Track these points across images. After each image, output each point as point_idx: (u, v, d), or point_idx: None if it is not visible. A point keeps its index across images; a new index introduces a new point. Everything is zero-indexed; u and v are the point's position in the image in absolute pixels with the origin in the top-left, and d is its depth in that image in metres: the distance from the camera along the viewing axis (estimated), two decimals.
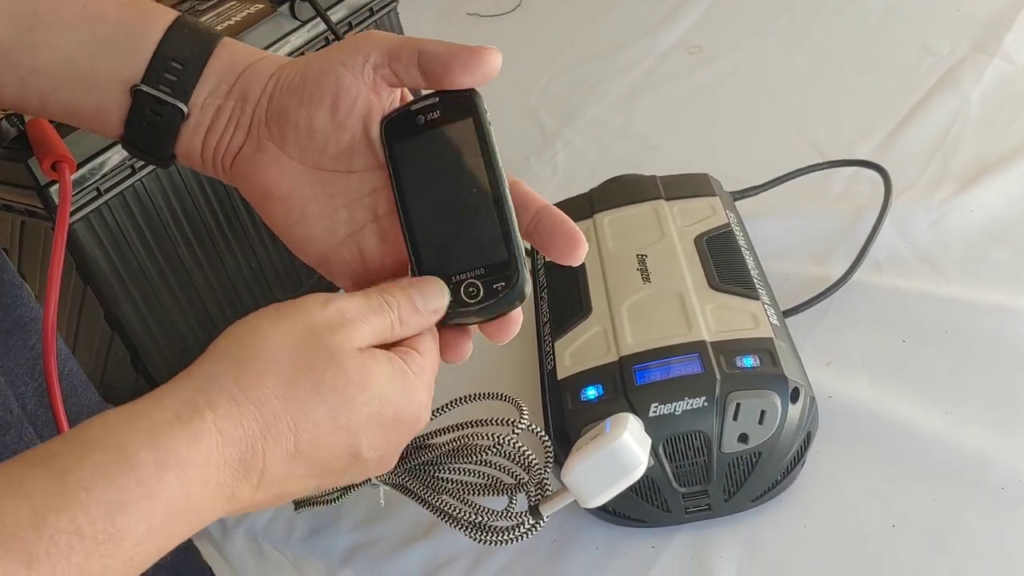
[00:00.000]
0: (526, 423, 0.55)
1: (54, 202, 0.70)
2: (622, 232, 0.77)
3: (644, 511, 0.63)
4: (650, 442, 0.56)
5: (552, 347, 0.69)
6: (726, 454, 0.60)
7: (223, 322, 0.87)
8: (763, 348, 0.63)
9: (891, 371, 0.72)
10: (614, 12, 1.41)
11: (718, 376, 0.61)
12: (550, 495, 0.53)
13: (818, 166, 0.92)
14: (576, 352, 0.67)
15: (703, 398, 0.60)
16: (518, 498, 0.56)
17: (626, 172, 0.89)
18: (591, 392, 0.63)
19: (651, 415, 0.60)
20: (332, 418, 0.41)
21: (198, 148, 0.51)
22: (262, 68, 0.50)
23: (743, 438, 0.60)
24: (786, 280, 0.83)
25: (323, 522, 0.75)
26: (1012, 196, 0.86)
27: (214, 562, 0.73)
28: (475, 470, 0.57)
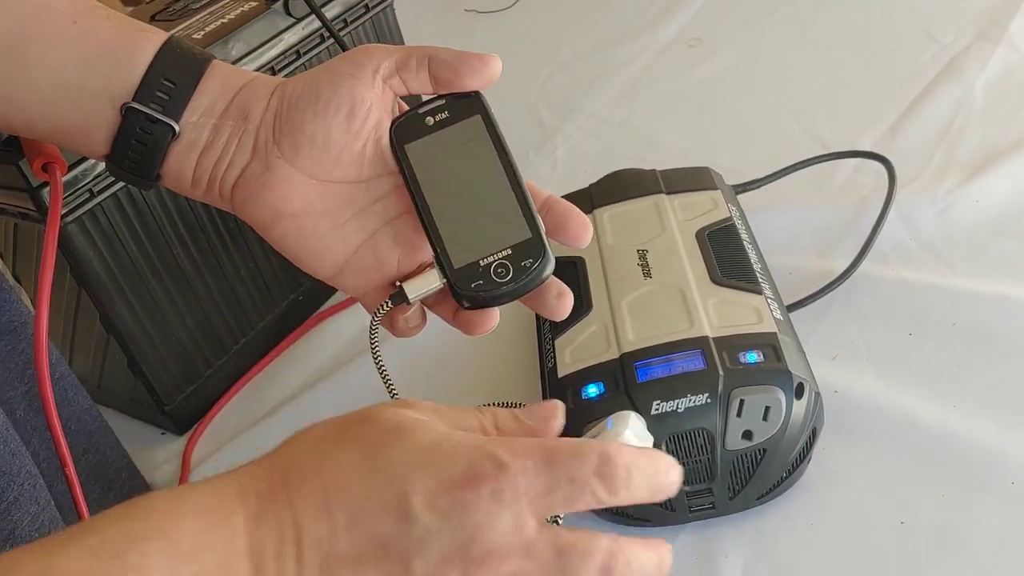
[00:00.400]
0: None
1: (46, 204, 0.69)
2: (622, 227, 0.76)
3: (647, 510, 0.62)
4: (652, 440, 0.55)
5: (552, 345, 0.68)
6: (730, 451, 0.59)
7: (221, 323, 0.86)
8: (766, 343, 0.62)
9: (898, 365, 0.71)
10: (612, 6, 1.40)
11: (721, 372, 0.60)
12: None
13: (821, 158, 0.91)
14: (577, 350, 0.66)
15: (706, 395, 0.59)
16: None
17: (626, 167, 0.87)
18: (592, 390, 0.62)
19: (653, 412, 0.59)
20: (359, 466, 0.37)
21: (190, 169, 0.50)
22: (259, 87, 0.50)
23: (747, 435, 0.59)
24: (790, 274, 0.82)
25: None
26: (1019, 185, 0.85)
27: None
28: None
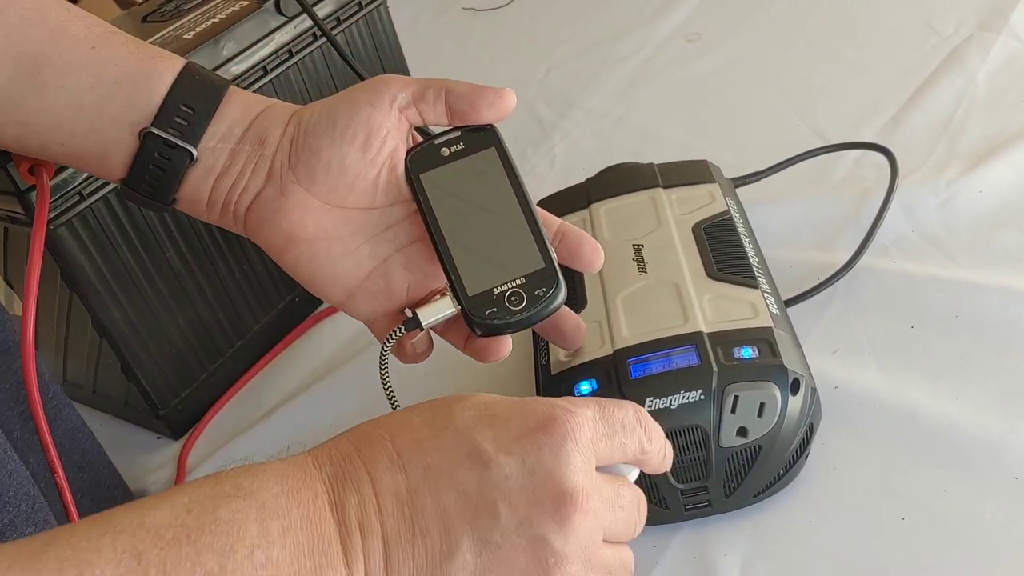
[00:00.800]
0: None
1: (35, 207, 0.69)
2: (618, 222, 0.75)
3: None
4: None
5: (546, 342, 0.67)
6: (725, 448, 0.58)
7: (215, 326, 0.86)
8: (762, 338, 0.61)
9: (899, 358, 0.70)
10: (610, 2, 1.39)
11: (715, 368, 0.58)
12: None
13: (821, 150, 0.89)
14: None
15: (700, 391, 0.58)
16: None
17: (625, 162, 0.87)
18: (585, 387, 0.61)
19: (646, 409, 0.58)
20: (429, 423, 0.40)
21: (206, 193, 0.51)
22: (277, 113, 0.51)
23: (742, 432, 0.58)
24: (790, 267, 0.80)
25: None
26: (1021, 176, 0.83)
27: None
28: None
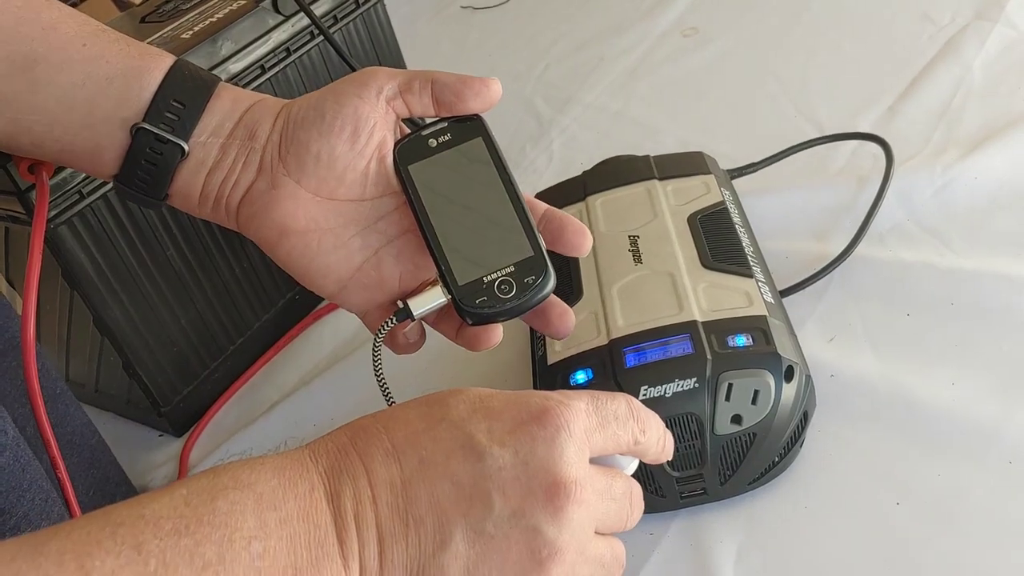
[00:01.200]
0: None
1: (35, 206, 0.69)
2: (614, 214, 0.75)
3: None
4: None
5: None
6: (720, 436, 0.58)
7: (216, 324, 0.86)
8: (756, 326, 0.61)
9: (896, 345, 0.70)
10: None
11: (709, 356, 0.59)
12: None
13: (816, 141, 0.90)
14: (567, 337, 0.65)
15: (694, 379, 0.58)
16: None
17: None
18: (580, 376, 0.61)
19: (641, 398, 0.58)
20: (423, 416, 0.40)
21: (198, 188, 0.52)
22: (267, 107, 0.52)
23: (736, 419, 0.58)
24: (786, 258, 0.81)
25: None
26: (1018, 163, 0.83)
27: None
28: None
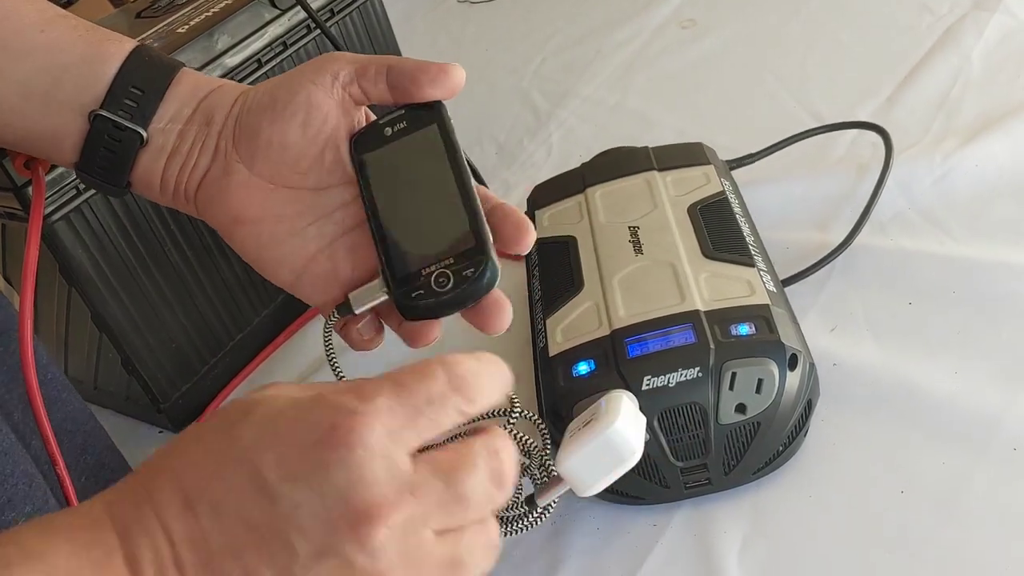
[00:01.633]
0: (518, 411, 0.52)
1: (31, 201, 0.69)
2: (614, 205, 0.75)
3: (642, 488, 0.61)
4: (645, 421, 0.54)
5: (544, 324, 0.67)
6: (724, 426, 0.58)
7: (215, 319, 0.86)
8: (759, 315, 0.61)
9: (897, 334, 0.69)
10: None
11: (712, 345, 0.58)
12: (544, 485, 0.52)
13: (815, 131, 0.89)
14: (568, 328, 0.65)
15: (697, 368, 0.58)
16: (523, 483, 0.55)
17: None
18: (583, 367, 0.61)
19: (644, 388, 0.58)
20: (212, 452, 0.35)
21: (158, 175, 0.51)
22: (225, 93, 0.50)
23: (741, 408, 0.58)
24: (787, 249, 0.80)
25: None
26: (1018, 151, 0.83)
27: None
28: None
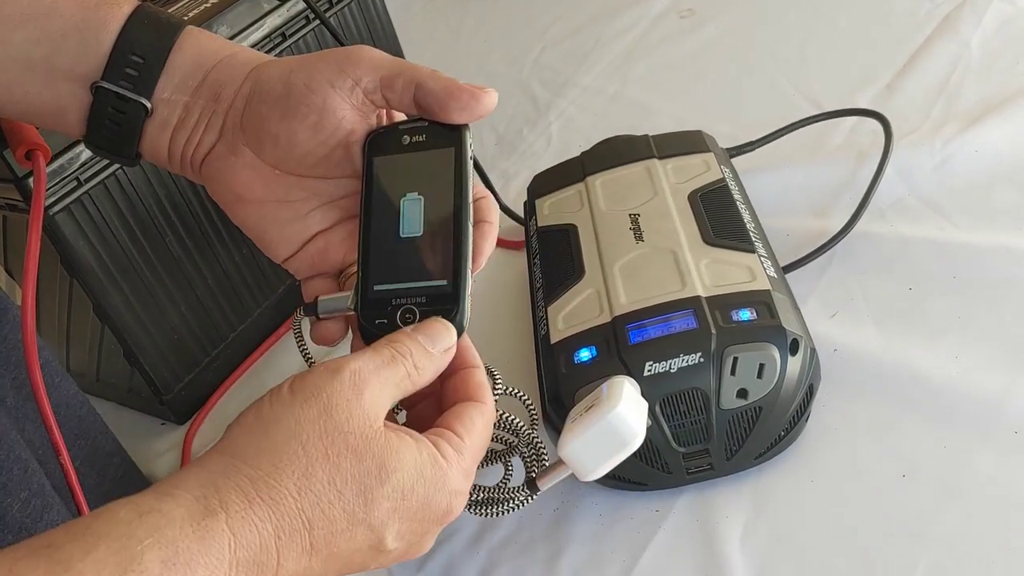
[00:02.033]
0: (501, 389, 0.52)
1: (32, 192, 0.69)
2: (614, 193, 0.75)
3: (644, 473, 0.61)
4: (647, 406, 0.55)
5: (545, 312, 0.67)
6: (725, 411, 0.58)
7: (217, 311, 0.86)
8: (760, 300, 0.61)
9: (898, 319, 0.70)
10: None
11: (713, 331, 0.59)
12: (547, 468, 0.52)
13: (815, 118, 0.89)
14: (569, 315, 0.65)
15: (699, 354, 0.58)
16: (513, 462, 0.55)
17: None
18: (584, 354, 0.61)
19: (646, 374, 0.58)
20: (349, 513, 0.39)
21: (165, 146, 0.49)
22: (235, 66, 0.48)
23: (742, 393, 0.58)
24: (787, 236, 0.81)
25: None
26: (1017, 137, 0.83)
27: None
28: None
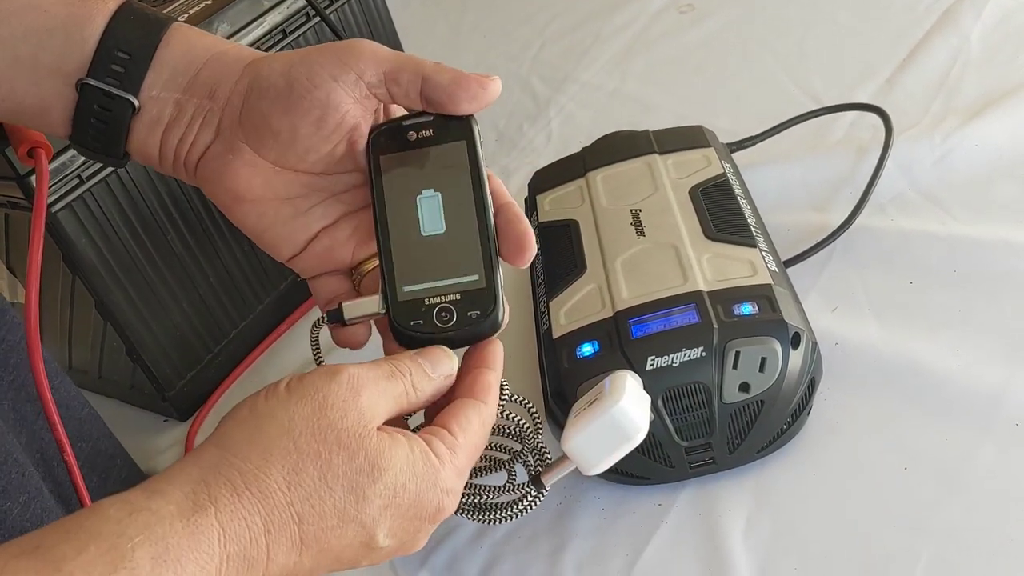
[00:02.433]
0: (506, 396, 0.52)
1: (34, 190, 0.69)
2: (615, 188, 0.75)
3: (647, 467, 0.61)
4: (649, 400, 0.55)
5: (547, 307, 0.67)
6: (728, 404, 0.59)
7: (218, 307, 0.86)
8: (761, 295, 0.61)
9: (899, 313, 0.70)
10: None
11: (715, 325, 0.59)
12: (551, 464, 0.52)
13: (815, 112, 0.90)
14: (571, 310, 0.65)
15: (701, 348, 0.58)
16: (516, 469, 0.55)
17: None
18: (587, 349, 0.61)
19: (648, 369, 0.58)
20: (340, 510, 0.39)
21: (155, 146, 0.48)
22: (228, 62, 0.47)
23: (744, 387, 0.58)
24: (788, 231, 0.81)
25: None
26: (1017, 131, 0.83)
27: None
28: None
